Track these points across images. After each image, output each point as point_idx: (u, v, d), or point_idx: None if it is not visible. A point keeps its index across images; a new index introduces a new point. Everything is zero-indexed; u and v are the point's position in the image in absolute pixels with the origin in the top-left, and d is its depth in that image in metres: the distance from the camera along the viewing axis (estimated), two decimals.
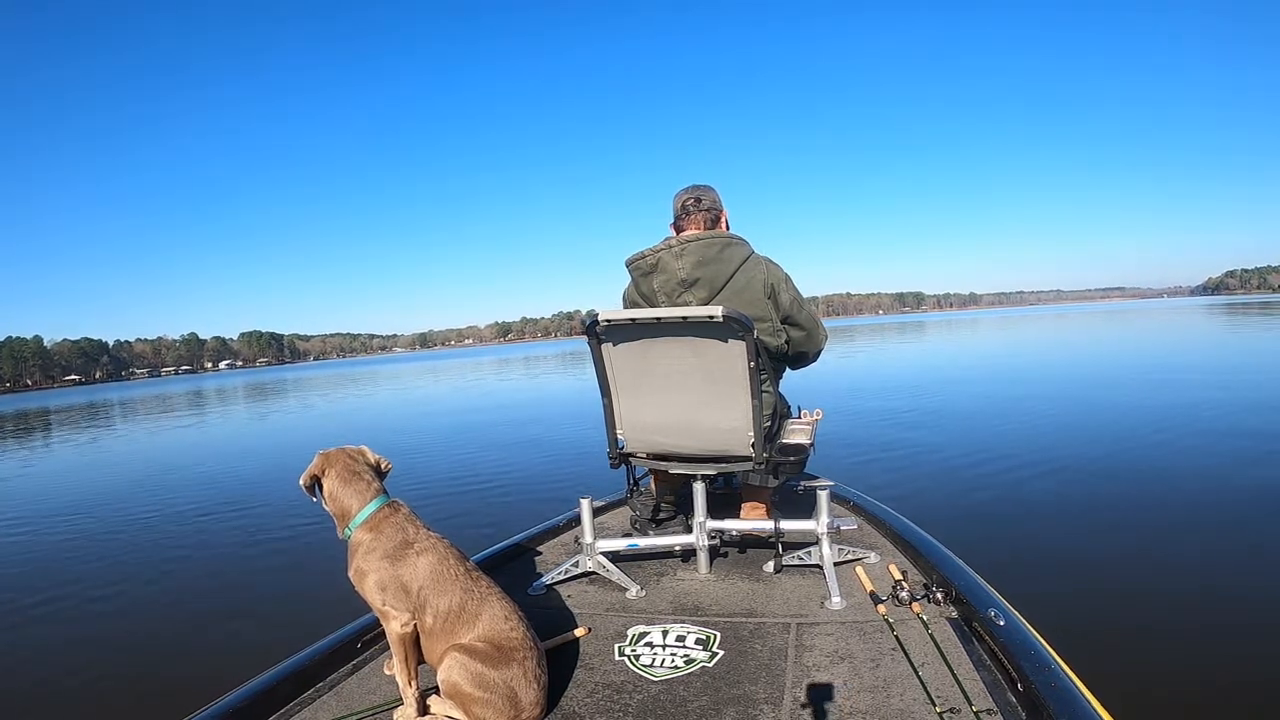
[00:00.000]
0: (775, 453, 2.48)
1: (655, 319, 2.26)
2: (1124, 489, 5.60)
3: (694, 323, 2.22)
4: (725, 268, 2.42)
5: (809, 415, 2.78)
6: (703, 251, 2.42)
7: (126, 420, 26.05)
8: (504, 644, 1.66)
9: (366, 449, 1.87)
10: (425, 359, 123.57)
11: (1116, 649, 3.06)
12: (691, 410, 2.39)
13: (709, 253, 2.42)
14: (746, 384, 2.26)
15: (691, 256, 2.42)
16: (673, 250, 2.44)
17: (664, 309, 2.34)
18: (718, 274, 2.42)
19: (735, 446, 2.38)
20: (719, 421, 2.36)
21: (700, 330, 2.24)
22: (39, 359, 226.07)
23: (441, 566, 1.70)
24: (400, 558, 1.69)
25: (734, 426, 2.34)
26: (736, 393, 2.29)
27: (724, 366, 2.27)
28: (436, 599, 1.67)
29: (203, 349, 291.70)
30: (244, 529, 6.83)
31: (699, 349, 2.28)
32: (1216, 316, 45.16)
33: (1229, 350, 18.46)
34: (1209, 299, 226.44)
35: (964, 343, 32.67)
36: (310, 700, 1.82)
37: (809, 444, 2.54)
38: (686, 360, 2.32)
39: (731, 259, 2.43)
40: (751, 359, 2.21)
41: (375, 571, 1.68)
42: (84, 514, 8.34)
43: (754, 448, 2.35)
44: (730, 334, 2.21)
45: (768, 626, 2.06)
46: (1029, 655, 1.64)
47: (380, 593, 1.67)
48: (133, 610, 4.85)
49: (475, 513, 6.58)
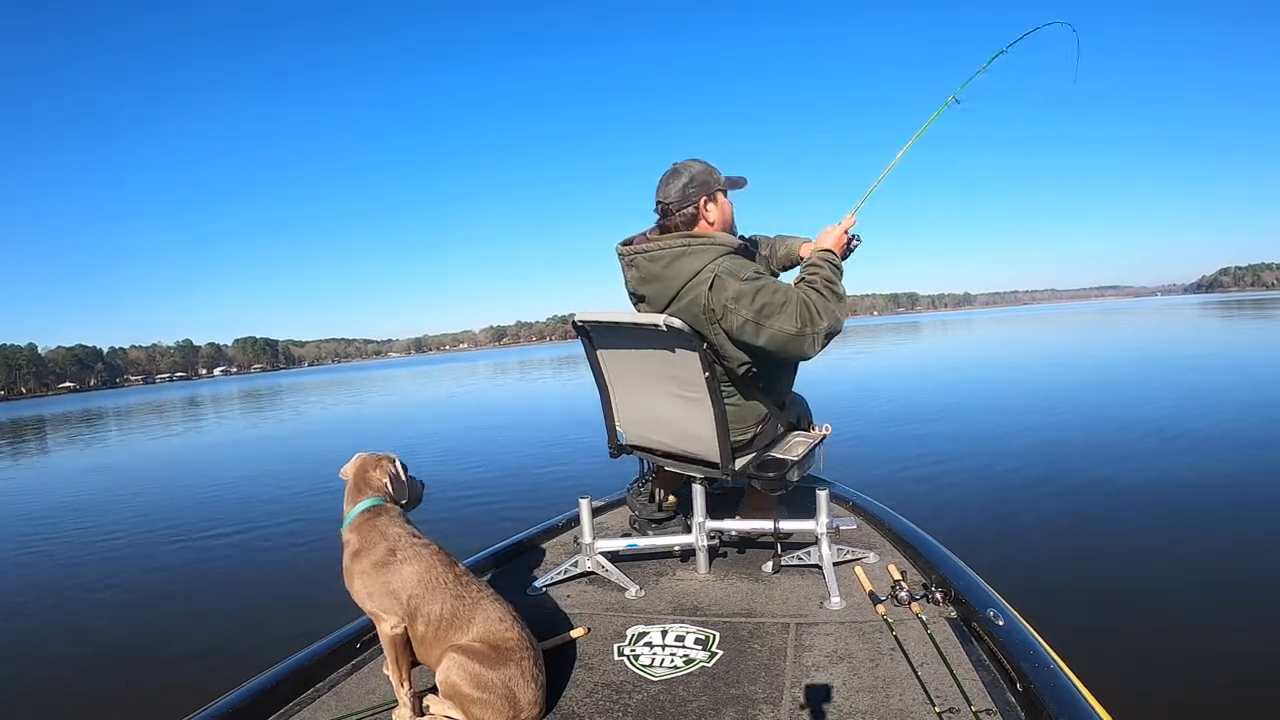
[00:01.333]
0: (754, 466, 2.36)
1: (614, 324, 2.27)
2: (1123, 489, 5.61)
3: (648, 331, 2.20)
4: (670, 285, 2.24)
5: (817, 430, 2.63)
6: (648, 267, 2.28)
7: (124, 429, 25.97)
8: (500, 644, 1.65)
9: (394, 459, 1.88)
10: (420, 364, 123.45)
11: (1116, 649, 3.06)
12: (670, 413, 2.39)
13: (653, 268, 2.27)
14: (705, 394, 2.22)
15: (636, 271, 2.33)
16: (626, 259, 2.37)
17: (620, 314, 2.34)
18: (662, 291, 2.27)
19: (708, 453, 2.35)
20: (689, 427, 2.35)
21: (659, 339, 2.22)
22: (33, 366, 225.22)
23: (429, 574, 1.69)
24: (385, 565, 1.69)
25: (702, 434, 2.31)
26: (700, 401, 2.26)
27: (687, 374, 2.24)
28: (427, 606, 1.67)
29: (197, 355, 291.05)
30: (243, 529, 6.82)
31: (664, 356, 2.27)
32: (1212, 314, 45.32)
33: (1227, 349, 18.49)
34: (1203, 297, 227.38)
35: (962, 343, 32.73)
36: (310, 700, 1.82)
37: (793, 461, 2.34)
38: (658, 365, 2.31)
39: (679, 274, 2.22)
40: (706, 369, 2.17)
41: (360, 576, 1.69)
42: (82, 514, 8.33)
43: (720, 459, 2.30)
44: (680, 344, 2.19)
45: (767, 626, 2.05)
46: (1028, 655, 1.64)
47: (368, 598, 1.68)
48: (133, 611, 4.85)
49: (475, 513, 6.59)
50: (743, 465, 2.38)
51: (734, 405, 2.35)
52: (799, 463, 2.35)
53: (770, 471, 2.33)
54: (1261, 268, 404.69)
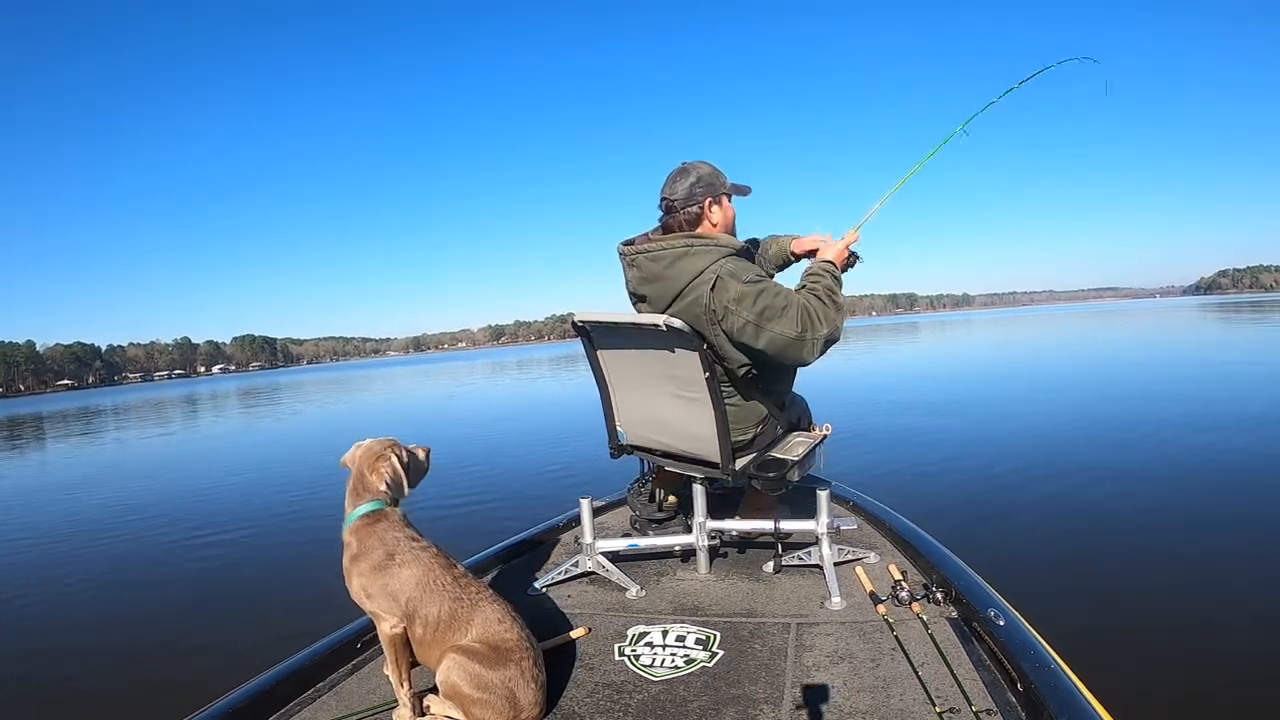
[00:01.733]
0: (754, 466, 2.37)
1: (614, 324, 2.27)
2: (1124, 489, 5.62)
3: (649, 331, 2.21)
4: (672, 285, 2.25)
5: (817, 430, 2.65)
6: (649, 266, 2.29)
7: (124, 428, 25.94)
8: (500, 645, 1.66)
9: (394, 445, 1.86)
10: (419, 362, 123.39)
11: (1116, 649, 3.06)
12: (670, 413, 2.39)
13: (655, 268, 2.27)
14: (706, 394, 2.22)
15: (638, 270, 2.33)
16: (627, 259, 2.37)
17: (619, 315, 2.34)
18: (663, 291, 2.28)
19: (708, 453, 2.35)
20: (689, 427, 2.35)
21: (659, 339, 2.22)
22: (32, 364, 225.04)
23: (427, 576, 1.69)
24: (384, 568, 1.69)
25: (702, 434, 2.31)
26: (700, 401, 2.26)
27: (687, 374, 2.24)
28: (425, 608, 1.67)
29: (195, 353, 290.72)
30: (242, 530, 6.81)
31: (664, 356, 2.27)
32: (1210, 316, 45.34)
33: (1226, 349, 18.52)
34: (1202, 298, 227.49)
35: (959, 344, 32.74)
36: (310, 700, 1.81)
37: (792, 461, 2.34)
38: (658, 365, 2.31)
39: (681, 274, 2.23)
40: (706, 369, 2.17)
41: (359, 577, 1.70)
42: (82, 516, 8.30)
43: (721, 459, 2.31)
44: (680, 345, 2.19)
45: (767, 626, 2.05)
46: (1029, 655, 1.64)
47: (367, 599, 1.69)
48: (132, 611, 4.84)
49: (476, 513, 6.58)
50: (743, 465, 2.38)
51: (734, 406, 2.35)
52: (799, 463, 2.35)
53: (771, 472, 2.33)
54: (1260, 269, 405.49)
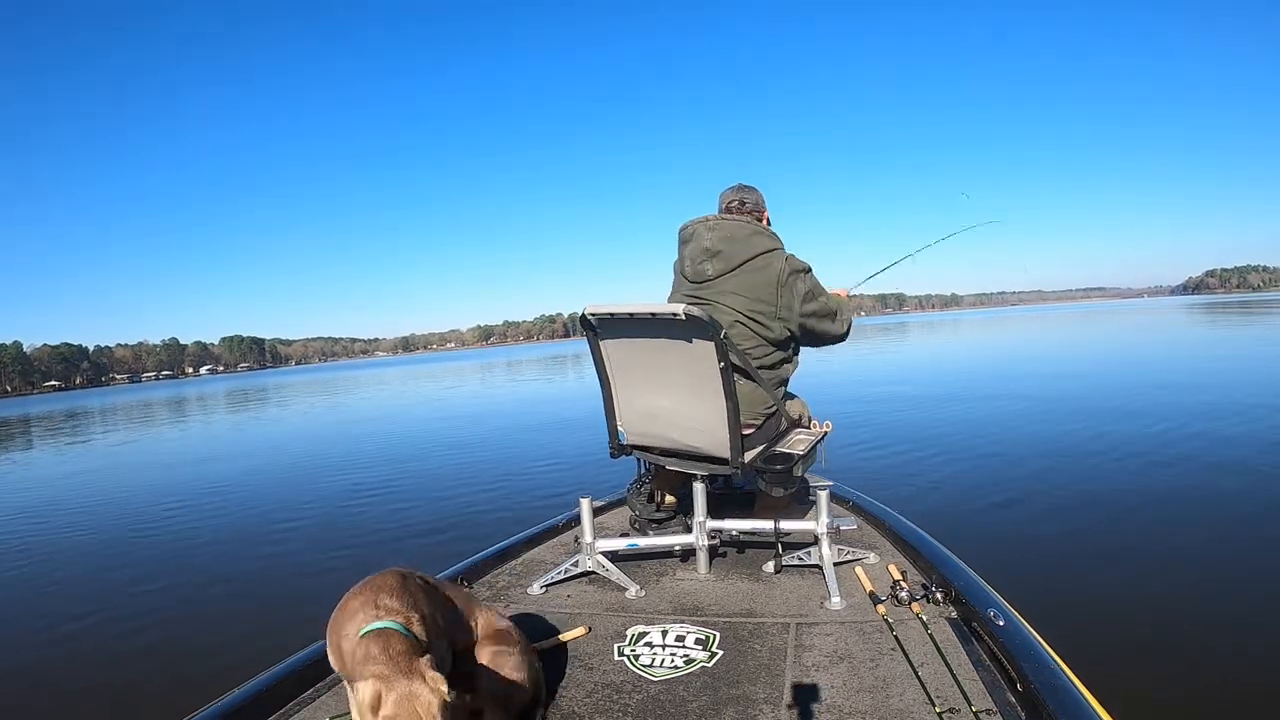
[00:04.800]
0: (762, 460, 2.40)
1: (629, 314, 2.28)
2: (1124, 489, 5.62)
3: (664, 321, 2.22)
4: (748, 249, 2.51)
5: (818, 426, 2.70)
6: (733, 230, 2.54)
7: (114, 430, 25.75)
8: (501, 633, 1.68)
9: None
10: (408, 363, 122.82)
11: (1116, 649, 3.07)
12: (678, 408, 2.40)
13: (739, 233, 2.53)
14: (719, 385, 2.24)
15: (720, 231, 2.54)
16: (708, 223, 2.58)
17: (636, 305, 2.32)
18: (739, 251, 2.51)
19: (716, 448, 2.36)
20: (698, 422, 2.35)
21: (673, 329, 2.23)
22: (18, 365, 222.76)
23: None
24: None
25: (711, 428, 2.33)
26: (712, 393, 2.27)
27: (700, 366, 2.25)
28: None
29: (184, 354, 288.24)
30: (241, 531, 6.76)
31: (679, 347, 2.27)
32: (1199, 315, 45.64)
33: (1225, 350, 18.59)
34: (1189, 298, 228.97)
35: (958, 344, 32.83)
36: (310, 700, 1.80)
37: (798, 455, 2.38)
38: (671, 357, 2.31)
39: (756, 245, 2.52)
40: (721, 360, 2.20)
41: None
42: (81, 516, 8.25)
43: (730, 451, 2.33)
44: (697, 334, 2.20)
45: (767, 626, 2.06)
46: (1028, 655, 1.65)
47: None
48: (132, 611, 4.80)
49: (476, 513, 6.54)
50: (751, 458, 2.39)
51: (742, 394, 2.38)
52: (803, 457, 2.39)
53: (778, 464, 2.36)
54: (1248, 269, 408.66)
